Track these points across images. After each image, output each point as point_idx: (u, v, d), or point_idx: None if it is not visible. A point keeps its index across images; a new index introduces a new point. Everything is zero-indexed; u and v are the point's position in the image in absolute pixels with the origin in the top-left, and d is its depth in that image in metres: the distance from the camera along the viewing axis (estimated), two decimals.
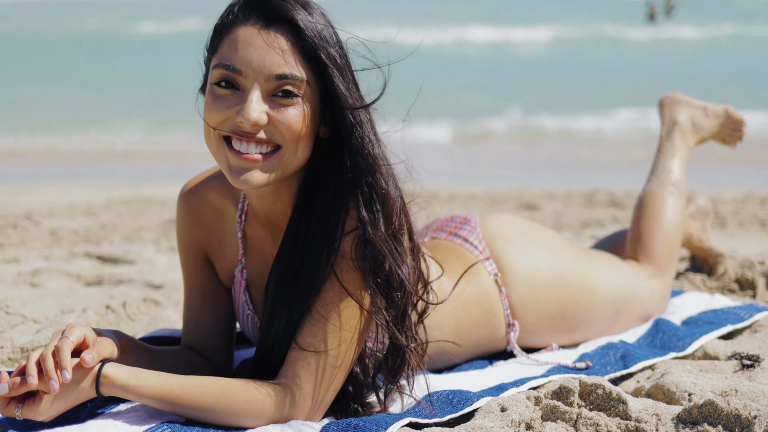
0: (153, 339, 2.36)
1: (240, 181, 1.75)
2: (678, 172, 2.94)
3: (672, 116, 3.03)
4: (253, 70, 1.71)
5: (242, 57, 1.71)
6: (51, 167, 9.02)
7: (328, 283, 1.80)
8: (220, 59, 1.74)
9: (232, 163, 1.75)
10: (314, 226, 1.83)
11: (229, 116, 1.74)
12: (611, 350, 2.40)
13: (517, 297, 2.40)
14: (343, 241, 1.79)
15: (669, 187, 2.90)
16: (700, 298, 2.99)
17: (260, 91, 1.71)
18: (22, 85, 13.97)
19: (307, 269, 1.82)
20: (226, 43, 1.75)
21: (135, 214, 5.96)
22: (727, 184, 7.08)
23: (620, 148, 9.95)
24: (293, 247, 1.86)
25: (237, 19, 1.75)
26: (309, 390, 1.79)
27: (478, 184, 7.64)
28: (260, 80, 1.71)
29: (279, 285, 1.86)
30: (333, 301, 1.79)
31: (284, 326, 1.85)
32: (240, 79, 1.72)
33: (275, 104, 1.73)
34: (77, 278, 3.77)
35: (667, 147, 2.99)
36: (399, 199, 1.80)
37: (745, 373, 2.23)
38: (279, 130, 1.73)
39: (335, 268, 1.79)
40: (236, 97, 1.73)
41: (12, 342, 2.56)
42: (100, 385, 1.73)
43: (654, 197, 2.90)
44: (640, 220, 2.88)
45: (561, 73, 16.43)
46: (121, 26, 20.08)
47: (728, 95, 12.14)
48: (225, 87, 1.74)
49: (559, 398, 1.92)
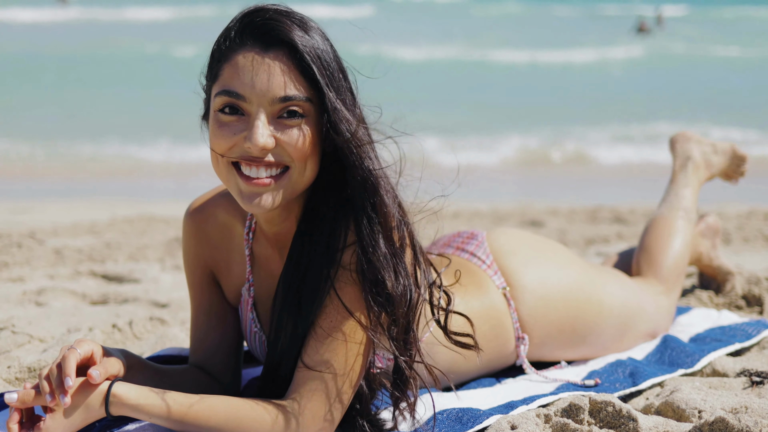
0: (160, 358, 2.36)
1: (252, 206, 1.76)
2: (689, 200, 3.04)
3: (686, 152, 3.16)
4: (256, 95, 1.71)
5: (244, 82, 1.72)
6: (56, 183, 9.03)
7: (329, 299, 1.80)
8: (222, 86, 1.74)
9: (243, 190, 1.76)
10: (316, 239, 1.83)
11: (236, 143, 1.74)
12: (620, 367, 2.39)
13: (526, 310, 2.40)
14: (343, 255, 1.79)
15: (680, 211, 2.99)
16: (708, 315, 2.99)
17: (265, 115, 1.72)
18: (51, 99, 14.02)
19: (309, 282, 1.83)
20: (227, 69, 1.75)
21: (139, 233, 5.96)
22: (730, 200, 7.08)
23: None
24: (297, 262, 1.86)
25: (235, 44, 1.75)
26: (317, 409, 1.78)
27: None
28: (264, 104, 1.72)
29: (284, 298, 1.86)
30: (335, 317, 1.79)
31: (290, 339, 1.85)
32: (244, 105, 1.73)
33: (281, 126, 1.74)
34: (82, 297, 3.77)
35: (680, 178, 3.11)
36: (399, 215, 1.80)
37: (755, 389, 2.22)
38: (287, 151, 1.74)
39: (336, 283, 1.79)
40: (242, 123, 1.74)
41: (19, 361, 2.56)
42: (110, 405, 1.72)
43: (665, 219, 2.98)
44: (649, 237, 2.94)
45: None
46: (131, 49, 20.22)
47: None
48: (229, 113, 1.74)
49: (569, 416, 1.91)
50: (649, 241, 2.92)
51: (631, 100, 15.01)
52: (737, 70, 18.47)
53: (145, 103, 13.48)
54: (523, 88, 16.58)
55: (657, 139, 11.00)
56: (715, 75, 17.88)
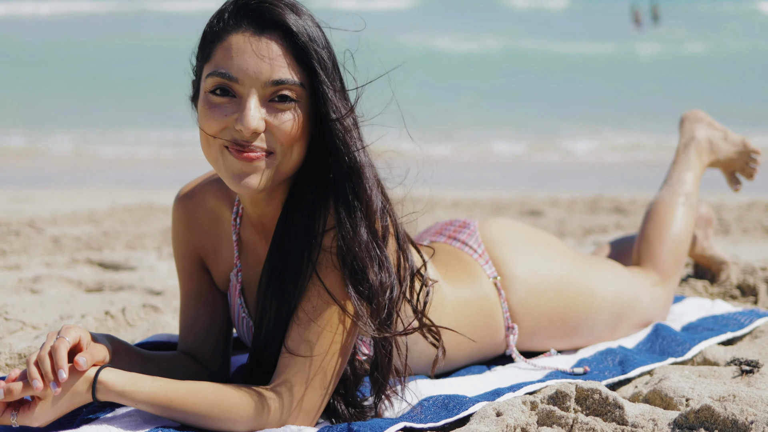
0: (149, 344, 2.36)
1: (240, 186, 1.75)
2: (691, 185, 2.96)
3: (691, 132, 3.06)
4: (249, 77, 1.71)
5: (237, 64, 1.71)
6: (60, 172, 9.04)
7: (311, 283, 1.80)
8: (214, 67, 1.74)
9: (233, 169, 1.75)
10: (297, 222, 1.83)
11: (227, 124, 1.74)
12: (610, 356, 2.39)
13: (517, 300, 2.40)
14: (324, 239, 1.79)
15: (681, 197, 2.92)
16: (701, 304, 2.98)
17: (257, 98, 1.72)
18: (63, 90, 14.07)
19: (291, 265, 1.83)
20: (219, 50, 1.74)
21: (137, 221, 5.97)
22: (731, 191, 7.04)
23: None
24: (280, 245, 1.86)
25: (228, 26, 1.75)
26: (301, 395, 1.79)
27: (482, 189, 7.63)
28: (257, 86, 1.71)
29: (268, 281, 1.87)
30: (317, 302, 1.79)
31: (274, 322, 1.85)
32: (236, 87, 1.72)
33: (272, 109, 1.73)
34: (78, 285, 3.77)
35: (682, 160, 3.02)
36: (382, 204, 1.80)
37: (744, 378, 2.21)
38: (275, 136, 1.74)
39: (318, 268, 1.79)
40: (233, 104, 1.73)
41: (10, 348, 2.56)
42: (96, 391, 1.73)
43: (665, 204, 2.91)
44: (649, 225, 2.89)
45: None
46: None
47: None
48: (221, 95, 1.73)
49: (555, 403, 1.91)
50: (649, 230, 2.87)
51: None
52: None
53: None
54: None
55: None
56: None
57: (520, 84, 16.06)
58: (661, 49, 21.93)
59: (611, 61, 19.75)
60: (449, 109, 13.07)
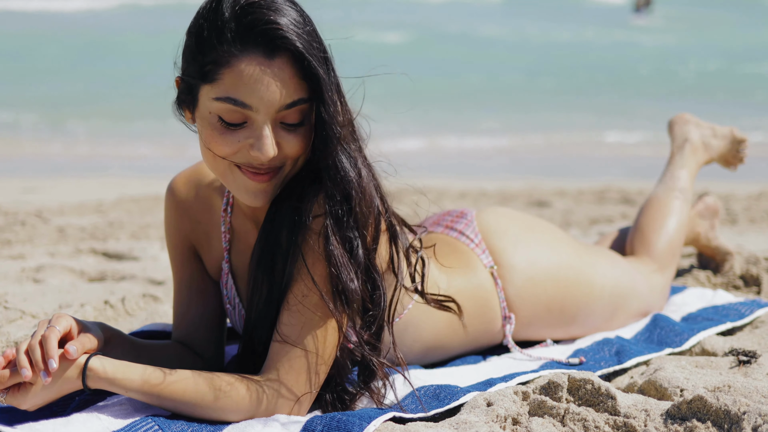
0: (144, 333, 2.36)
1: (254, 201, 1.80)
2: (685, 181, 3.00)
3: (684, 134, 3.12)
4: (264, 104, 1.69)
5: (252, 93, 1.68)
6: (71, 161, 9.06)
7: (300, 269, 1.80)
8: (224, 93, 1.69)
9: (248, 187, 1.77)
10: (287, 203, 1.84)
11: (240, 149, 1.74)
12: (606, 346, 2.37)
13: (514, 290, 2.38)
14: (313, 222, 1.79)
15: (675, 192, 2.96)
16: (702, 295, 2.96)
17: (270, 123, 1.71)
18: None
19: (279, 245, 1.84)
20: (228, 76, 1.69)
21: (143, 212, 5.98)
22: (741, 180, 7.00)
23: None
24: (271, 225, 1.87)
25: (235, 48, 1.68)
26: (292, 383, 1.78)
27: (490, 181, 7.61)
28: (271, 113, 1.71)
29: (259, 260, 1.87)
30: (305, 288, 1.79)
31: (265, 302, 1.86)
32: (249, 113, 1.71)
33: (284, 130, 1.74)
34: (80, 274, 3.78)
35: (677, 159, 3.07)
36: (379, 208, 1.83)
37: (741, 369, 2.19)
38: (286, 153, 1.75)
39: (305, 250, 1.79)
40: (246, 130, 1.73)
41: (8, 336, 2.56)
42: (87, 378, 1.73)
43: (660, 199, 2.95)
44: (643, 217, 2.93)
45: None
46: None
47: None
48: (233, 121, 1.72)
49: (547, 393, 1.89)
50: (643, 222, 2.90)
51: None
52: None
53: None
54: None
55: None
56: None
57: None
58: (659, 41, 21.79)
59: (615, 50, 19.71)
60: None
